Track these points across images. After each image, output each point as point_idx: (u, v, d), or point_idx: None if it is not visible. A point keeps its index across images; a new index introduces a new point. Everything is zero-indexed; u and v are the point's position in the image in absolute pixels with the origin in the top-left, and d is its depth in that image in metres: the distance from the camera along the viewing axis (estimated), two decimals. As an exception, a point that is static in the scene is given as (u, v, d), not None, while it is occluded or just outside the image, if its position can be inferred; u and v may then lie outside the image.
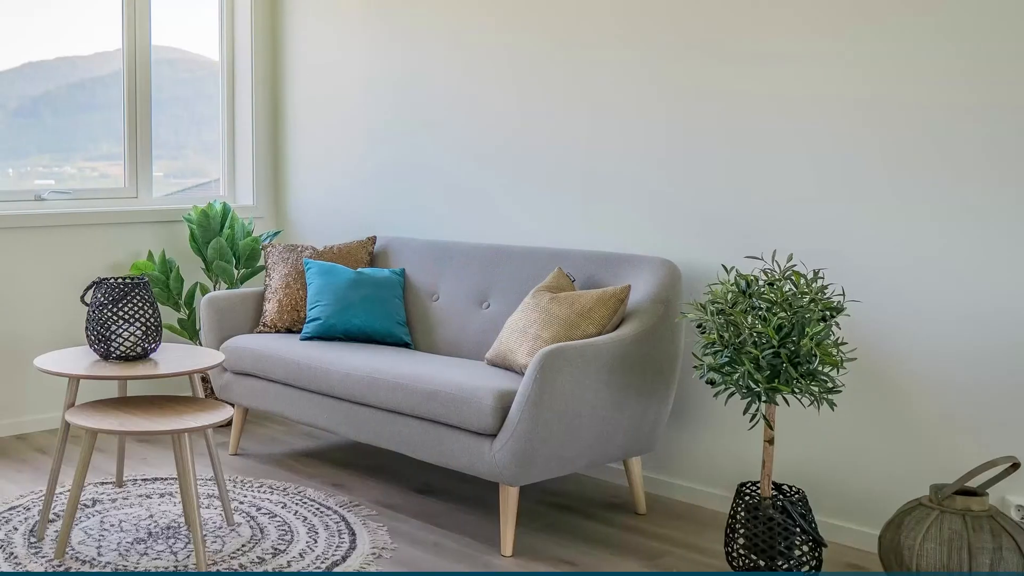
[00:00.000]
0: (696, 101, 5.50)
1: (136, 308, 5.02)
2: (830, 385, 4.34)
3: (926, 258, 4.73)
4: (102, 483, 5.81)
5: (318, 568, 4.67)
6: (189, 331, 7.28)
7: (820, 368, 4.31)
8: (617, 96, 5.83)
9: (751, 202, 5.30)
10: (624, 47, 5.78)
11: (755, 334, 4.30)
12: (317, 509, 5.42)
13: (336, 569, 4.66)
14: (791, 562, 4.40)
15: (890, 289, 4.85)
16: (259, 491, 5.71)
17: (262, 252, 7.06)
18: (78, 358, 5.13)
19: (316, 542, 4.98)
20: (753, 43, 5.26)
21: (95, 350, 5.07)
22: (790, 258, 4.58)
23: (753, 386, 4.35)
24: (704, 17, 5.44)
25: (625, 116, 5.79)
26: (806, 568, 4.41)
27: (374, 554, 4.85)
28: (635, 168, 5.76)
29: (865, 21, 4.86)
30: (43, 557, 4.76)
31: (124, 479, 5.85)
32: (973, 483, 4.36)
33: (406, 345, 6.24)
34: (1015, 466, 4.26)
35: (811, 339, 4.22)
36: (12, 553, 4.80)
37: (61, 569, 4.61)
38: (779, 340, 4.26)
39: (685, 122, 5.54)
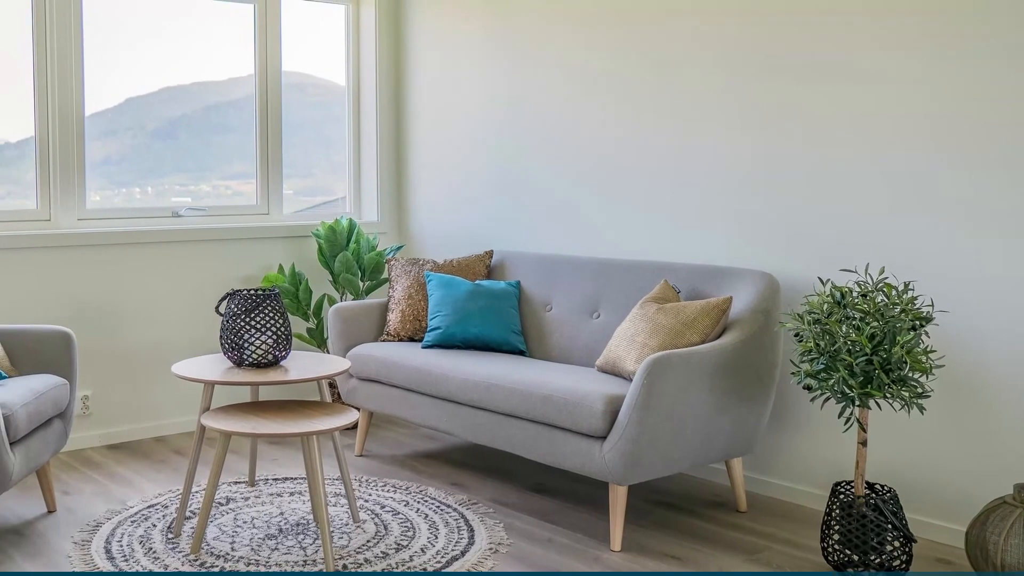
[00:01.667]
0: (791, 121, 5.56)
1: (267, 318, 5.14)
2: (920, 390, 4.41)
3: (1011, 270, 4.78)
4: (235, 482, 5.96)
5: (439, 562, 4.76)
6: (317, 339, 7.39)
7: (910, 374, 4.39)
8: (716, 117, 5.91)
9: (845, 218, 5.35)
10: (725, 72, 5.85)
11: (849, 342, 4.38)
12: (437, 507, 5.53)
13: (455, 563, 4.76)
14: (883, 557, 4.48)
15: (976, 299, 4.89)
16: (383, 490, 5.83)
17: (386, 265, 7.09)
18: (213, 365, 5.23)
19: (436, 538, 5.08)
20: (842, 63, 5.32)
21: (229, 357, 5.18)
22: (882, 271, 4.66)
23: (847, 391, 4.42)
24: (794, 39, 5.50)
25: (725, 137, 5.87)
26: (897, 562, 4.48)
27: (491, 549, 4.95)
28: (737, 186, 5.83)
29: (957, 42, 4.90)
30: (180, 552, 4.88)
31: (256, 479, 5.99)
32: (1056, 482, 4.42)
33: (521, 353, 6.31)
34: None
35: (902, 347, 4.30)
36: (151, 548, 4.94)
37: (197, 565, 4.73)
38: (872, 348, 4.35)
39: (781, 142, 5.61)
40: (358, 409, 6.49)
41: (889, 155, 5.19)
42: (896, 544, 4.53)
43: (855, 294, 4.56)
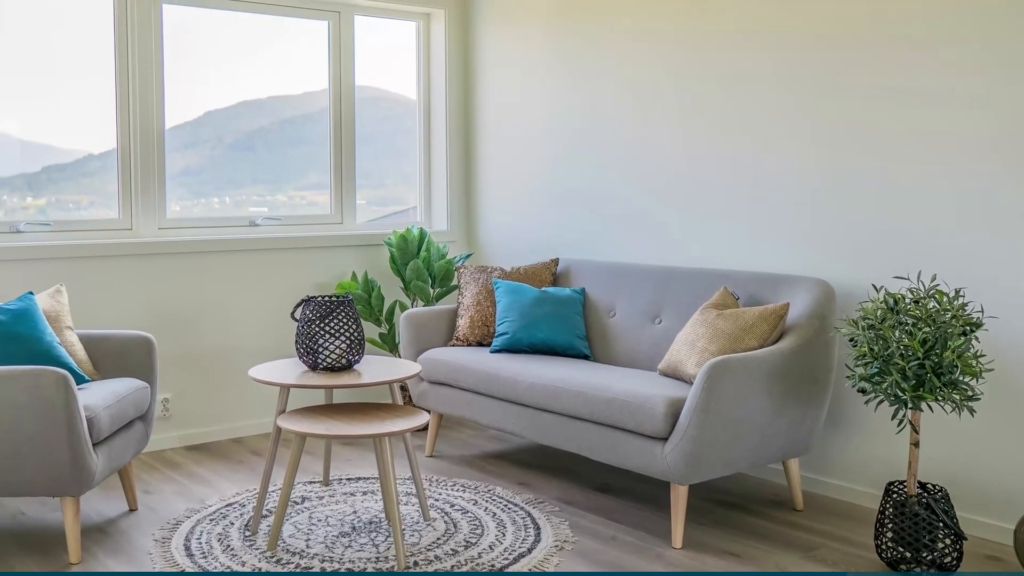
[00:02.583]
0: (846, 136, 5.62)
1: (341, 323, 5.18)
2: (970, 393, 4.46)
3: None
4: (310, 482, 6.03)
5: (506, 559, 4.80)
6: (389, 344, 7.48)
7: (961, 378, 4.44)
8: (773, 132, 5.97)
9: (898, 228, 5.41)
10: (780, 87, 5.91)
11: (902, 347, 4.45)
12: (505, 506, 5.60)
13: (522, 560, 4.81)
14: (935, 554, 4.54)
15: (1024, 305, 4.98)
16: (452, 489, 5.91)
17: (455, 273, 7.21)
18: (288, 369, 5.28)
19: (504, 535, 5.14)
20: (901, 84, 5.37)
21: (304, 361, 5.22)
22: (934, 278, 4.73)
23: (900, 394, 4.48)
24: (854, 59, 5.56)
25: (783, 149, 5.93)
26: (948, 560, 4.55)
27: (557, 546, 5.00)
28: (793, 197, 5.89)
29: (1004, 65, 4.96)
30: (256, 549, 4.95)
31: (330, 478, 6.08)
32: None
33: (585, 357, 6.37)
34: None
35: (953, 352, 4.36)
36: (229, 545, 5.01)
37: (273, 562, 4.79)
38: (924, 353, 4.41)
39: (835, 157, 5.67)
40: (428, 411, 6.56)
41: (940, 170, 5.24)
42: (947, 542, 4.58)
43: (908, 301, 4.62)
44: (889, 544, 4.70)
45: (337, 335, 5.20)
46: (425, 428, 7.01)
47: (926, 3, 5.26)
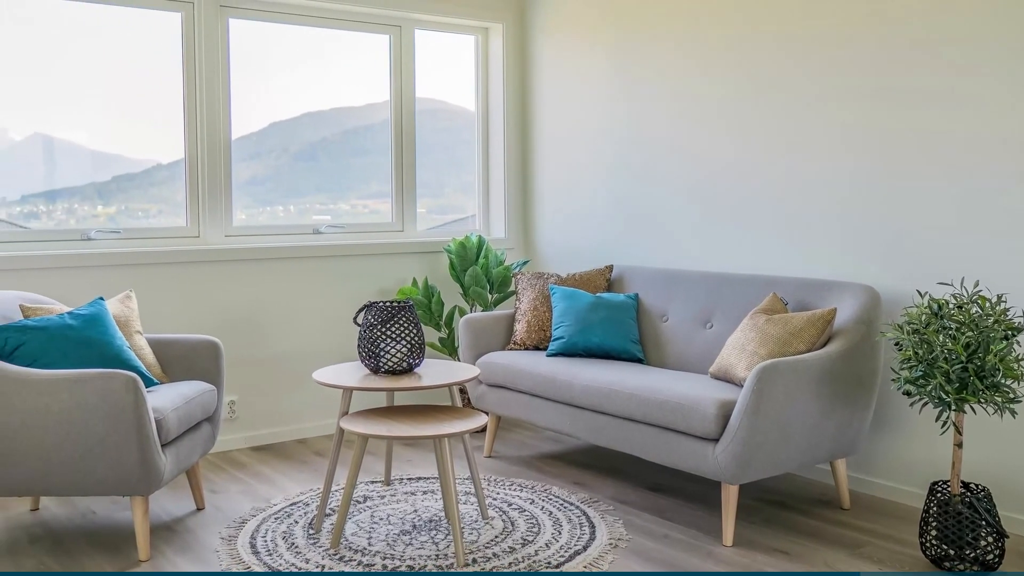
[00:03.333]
0: (891, 144, 5.66)
1: (402, 328, 5.24)
2: (1012, 396, 4.55)
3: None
4: (372, 482, 6.11)
5: (562, 557, 4.84)
6: (449, 348, 7.56)
7: (1003, 381, 4.49)
8: (821, 140, 6.02)
9: (941, 234, 5.44)
10: (828, 97, 5.96)
11: (946, 351, 4.50)
12: (561, 505, 5.66)
13: (577, 558, 4.85)
14: (977, 551, 4.60)
15: (1066, 310, 4.96)
16: (510, 489, 5.98)
17: (513, 279, 7.28)
18: (351, 372, 5.33)
19: (560, 533, 5.19)
20: (932, 87, 5.42)
21: (366, 365, 5.29)
22: (976, 284, 4.75)
23: (944, 396, 4.53)
24: (895, 67, 5.60)
25: (830, 158, 5.98)
26: (991, 557, 4.60)
27: (611, 544, 5.06)
28: (840, 205, 5.93)
29: None
30: (320, 547, 5.00)
31: (391, 478, 6.17)
32: None
33: (639, 360, 6.43)
34: None
35: (995, 355, 4.42)
36: (293, 543, 5.07)
37: (336, 559, 4.84)
38: (967, 356, 4.46)
39: (881, 163, 5.71)
40: (487, 413, 6.60)
41: (984, 176, 5.27)
42: (990, 540, 4.63)
43: (951, 306, 4.66)
44: (933, 542, 4.75)
45: (398, 339, 5.26)
46: (483, 429, 7.06)
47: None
